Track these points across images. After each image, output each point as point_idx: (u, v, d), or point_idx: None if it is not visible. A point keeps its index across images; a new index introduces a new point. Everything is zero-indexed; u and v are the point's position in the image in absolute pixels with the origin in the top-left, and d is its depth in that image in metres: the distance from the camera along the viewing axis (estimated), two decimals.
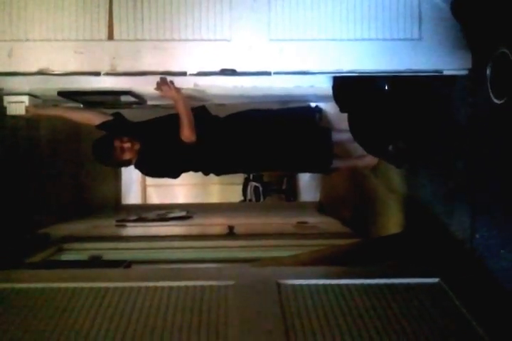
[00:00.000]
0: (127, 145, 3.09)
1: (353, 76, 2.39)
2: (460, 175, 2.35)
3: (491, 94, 2.02)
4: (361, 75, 2.35)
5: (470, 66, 2.23)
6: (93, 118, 3.24)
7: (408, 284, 2.04)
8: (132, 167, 3.31)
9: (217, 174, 3.53)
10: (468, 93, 2.27)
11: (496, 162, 2.03)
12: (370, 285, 2.02)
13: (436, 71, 2.27)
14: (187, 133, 3.02)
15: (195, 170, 3.41)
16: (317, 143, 3.37)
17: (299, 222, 4.55)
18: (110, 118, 3.23)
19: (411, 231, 2.95)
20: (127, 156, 3.12)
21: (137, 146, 3.12)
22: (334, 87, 2.89)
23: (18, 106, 3.10)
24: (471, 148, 2.25)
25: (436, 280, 2.05)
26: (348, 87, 2.80)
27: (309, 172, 5.39)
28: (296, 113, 3.42)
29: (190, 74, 2.30)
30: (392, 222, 3.37)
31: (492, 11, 2.03)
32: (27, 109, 3.11)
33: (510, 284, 1.91)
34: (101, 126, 3.20)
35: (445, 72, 2.27)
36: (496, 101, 1.99)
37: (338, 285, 2.01)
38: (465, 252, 2.23)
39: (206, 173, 3.45)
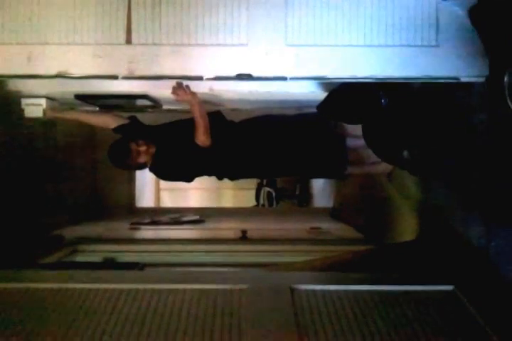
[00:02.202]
0: (143, 148, 3.10)
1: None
2: (476, 182, 2.33)
3: (508, 102, 2.00)
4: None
5: (487, 73, 2.21)
6: (109, 121, 3.26)
7: (422, 291, 2.03)
8: (146, 170, 3.33)
9: (231, 179, 3.54)
10: (486, 100, 2.26)
11: None
12: (384, 292, 2.01)
13: (453, 78, 2.26)
14: (202, 138, 3.03)
15: (209, 174, 3.42)
16: (331, 149, 3.36)
17: (312, 228, 4.54)
18: (126, 121, 3.25)
19: (425, 238, 2.93)
20: (143, 159, 3.14)
21: (153, 149, 3.14)
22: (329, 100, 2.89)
23: (35, 109, 3.14)
24: (487, 156, 2.23)
25: (450, 287, 2.03)
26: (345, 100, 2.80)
27: (323, 177, 5.38)
28: (310, 118, 3.42)
29: (207, 79, 2.31)
30: (407, 228, 3.35)
31: (510, 18, 2.02)
32: (44, 112, 3.15)
33: None
34: (117, 130, 3.23)
35: (462, 79, 2.26)
36: None
37: (352, 292, 2.01)
38: (480, 260, 2.21)
39: (220, 178, 3.46)
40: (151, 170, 3.27)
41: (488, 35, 2.17)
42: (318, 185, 7.42)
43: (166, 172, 3.34)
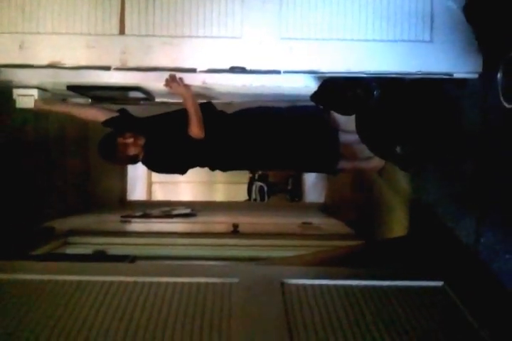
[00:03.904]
0: (130, 140, 3.06)
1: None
2: (467, 179, 2.34)
3: (501, 98, 2.01)
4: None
5: (481, 69, 2.21)
6: (99, 114, 3.24)
7: (412, 287, 2.03)
8: (138, 163, 3.31)
9: (223, 170, 3.53)
10: (479, 96, 2.26)
11: (503, 166, 2.02)
12: (373, 287, 2.01)
13: (446, 74, 2.26)
14: (195, 130, 3.02)
15: (202, 166, 3.41)
16: (324, 142, 3.36)
17: (303, 223, 4.54)
18: (116, 114, 3.22)
19: (416, 234, 2.94)
20: (132, 152, 3.10)
21: (141, 141, 3.10)
22: (322, 89, 2.88)
23: (27, 100, 3.11)
24: (479, 152, 2.24)
25: (440, 283, 2.04)
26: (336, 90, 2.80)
27: (315, 172, 5.38)
28: (304, 111, 3.41)
29: (200, 71, 2.30)
30: (397, 224, 3.36)
31: (504, 14, 2.02)
32: (34, 104, 3.12)
33: None
34: (107, 123, 3.20)
35: (455, 75, 2.26)
36: (506, 105, 1.98)
37: (342, 287, 2.01)
38: (470, 256, 2.22)
39: (212, 169, 3.45)
40: (143, 163, 3.26)
41: (482, 31, 2.17)
42: (310, 180, 7.43)
43: (159, 164, 3.33)
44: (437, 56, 2.22)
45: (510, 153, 1.98)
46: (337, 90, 2.75)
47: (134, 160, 3.23)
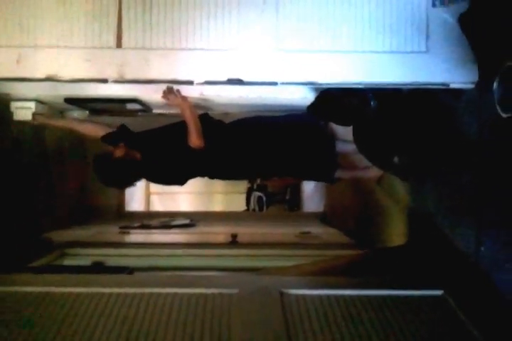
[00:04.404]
0: (111, 149, 3.06)
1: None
2: (466, 188, 2.34)
3: (497, 108, 2.02)
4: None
5: (477, 79, 2.22)
6: (97, 130, 3.24)
7: (411, 296, 2.03)
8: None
9: (223, 179, 3.54)
10: (475, 106, 2.27)
11: (502, 175, 2.03)
12: (373, 297, 2.01)
13: (442, 84, 2.27)
14: (195, 141, 3.02)
15: (202, 176, 3.42)
16: (320, 151, 3.37)
17: (301, 232, 4.53)
18: (113, 130, 3.22)
19: (415, 243, 2.94)
20: (118, 153, 3.05)
21: (122, 144, 3.08)
22: (319, 100, 2.89)
23: (24, 112, 3.12)
24: (477, 161, 2.24)
25: (440, 292, 2.04)
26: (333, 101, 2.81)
27: (312, 180, 5.38)
28: (301, 119, 3.42)
29: (197, 83, 2.31)
30: (396, 233, 3.36)
31: (499, 25, 2.04)
32: (34, 117, 3.13)
33: None
34: (105, 139, 3.21)
35: (452, 85, 2.27)
36: (503, 114, 1.99)
37: (342, 296, 2.01)
38: (469, 265, 2.22)
39: (212, 177, 3.47)
40: (142, 175, 3.25)
41: (478, 41, 2.18)
42: (309, 190, 7.43)
43: (159, 176, 3.33)
44: (433, 66, 2.23)
45: (508, 163, 1.98)
46: (334, 101, 2.76)
47: (133, 172, 3.20)
